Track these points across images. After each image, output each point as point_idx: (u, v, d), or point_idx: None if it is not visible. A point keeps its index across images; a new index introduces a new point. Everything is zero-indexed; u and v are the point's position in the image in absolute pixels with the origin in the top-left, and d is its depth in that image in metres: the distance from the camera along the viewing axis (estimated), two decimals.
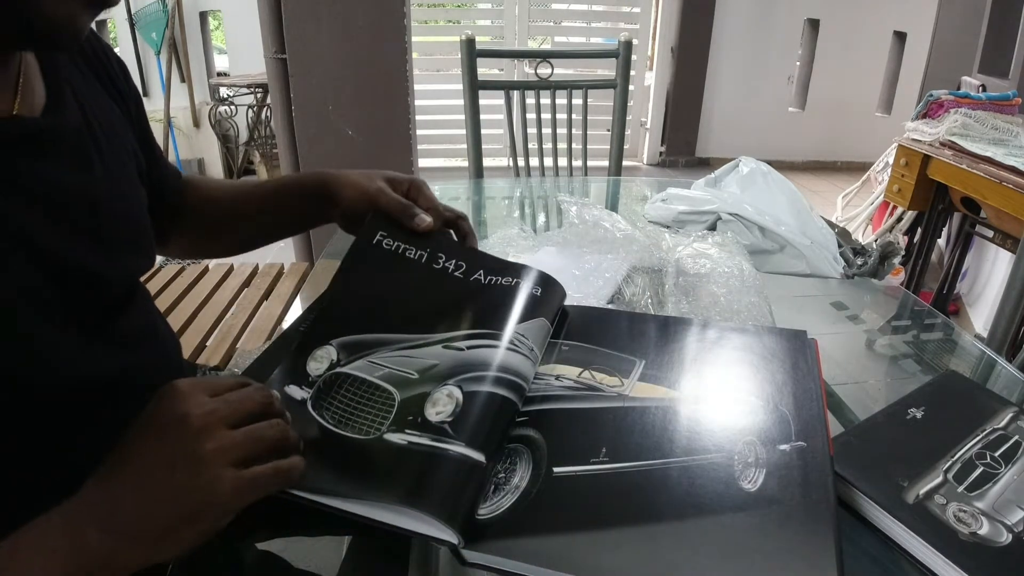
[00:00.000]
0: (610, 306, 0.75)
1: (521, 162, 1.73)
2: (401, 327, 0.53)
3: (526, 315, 0.55)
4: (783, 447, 0.46)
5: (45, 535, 0.37)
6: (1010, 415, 0.54)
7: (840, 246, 1.00)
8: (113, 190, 0.54)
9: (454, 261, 0.60)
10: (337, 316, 0.55)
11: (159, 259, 1.69)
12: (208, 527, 0.38)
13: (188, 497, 0.37)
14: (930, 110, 2.12)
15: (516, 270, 0.60)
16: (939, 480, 0.47)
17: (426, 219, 0.60)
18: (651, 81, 4.50)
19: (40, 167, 0.47)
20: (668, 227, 1.03)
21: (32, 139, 0.47)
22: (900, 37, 4.32)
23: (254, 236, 0.79)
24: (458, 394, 0.47)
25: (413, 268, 0.59)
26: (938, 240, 2.28)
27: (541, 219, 1.21)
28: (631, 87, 2.27)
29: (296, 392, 0.48)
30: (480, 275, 0.59)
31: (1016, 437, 0.52)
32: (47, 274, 0.46)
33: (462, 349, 0.51)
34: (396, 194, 0.62)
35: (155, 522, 0.37)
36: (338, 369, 0.49)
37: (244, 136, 3.94)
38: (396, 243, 0.60)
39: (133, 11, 3.62)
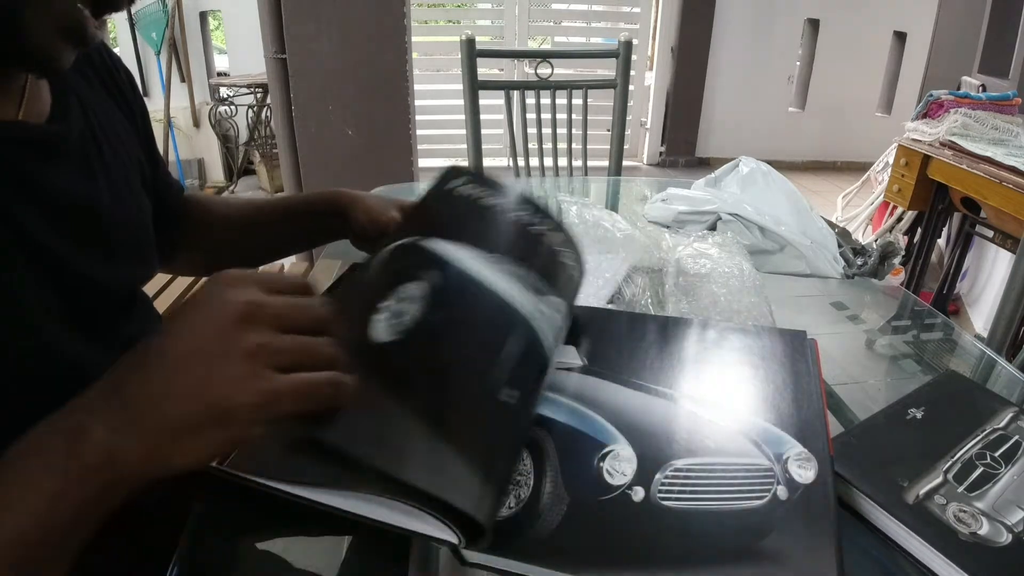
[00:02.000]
0: (610, 306, 0.75)
1: (521, 162, 1.73)
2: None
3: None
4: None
5: (42, 437, 0.34)
6: (1010, 415, 0.54)
7: (840, 246, 1.00)
8: (116, 198, 0.54)
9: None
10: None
11: None
12: (226, 436, 0.34)
13: (215, 391, 0.33)
14: (930, 110, 2.12)
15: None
16: (939, 480, 0.47)
17: None
18: (651, 81, 4.50)
19: (44, 173, 0.47)
20: (668, 227, 1.03)
21: (36, 145, 0.47)
22: (900, 37, 4.32)
23: (262, 253, 0.80)
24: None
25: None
26: (938, 240, 2.28)
27: None
28: (631, 87, 2.27)
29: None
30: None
31: (1016, 437, 0.52)
32: (48, 278, 0.46)
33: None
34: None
35: (171, 416, 0.33)
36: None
37: (244, 136, 3.94)
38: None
39: (133, 11, 3.61)
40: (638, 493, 0.43)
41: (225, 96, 3.86)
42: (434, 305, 0.43)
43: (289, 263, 1.87)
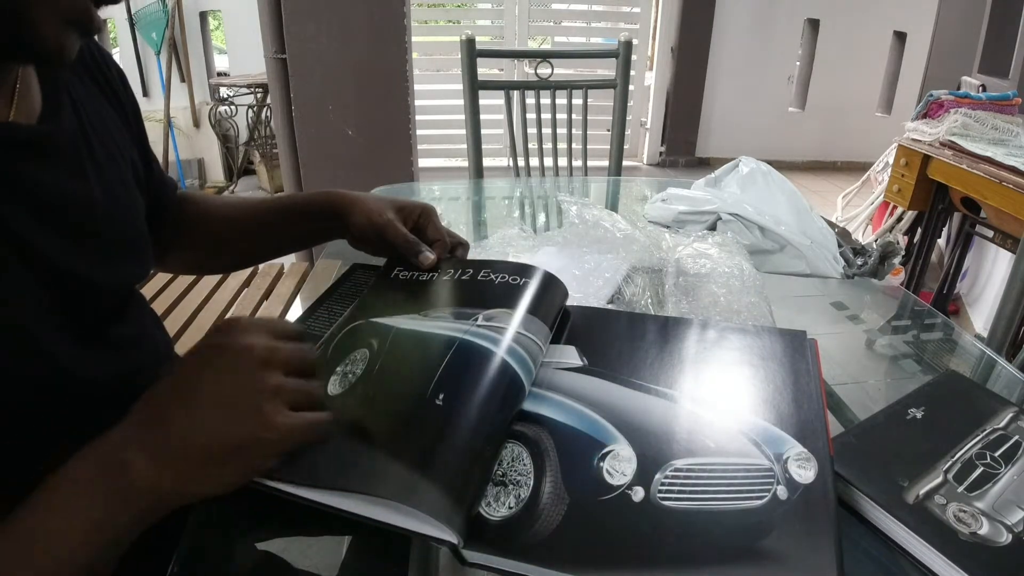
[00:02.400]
0: (610, 306, 0.75)
1: (521, 162, 1.73)
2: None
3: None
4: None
5: (82, 469, 0.37)
6: (1010, 415, 0.54)
7: (840, 246, 1.00)
8: (109, 197, 0.54)
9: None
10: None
11: None
12: (252, 464, 0.39)
13: (242, 427, 0.38)
14: (930, 110, 2.12)
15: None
16: (939, 480, 0.47)
17: (430, 256, 0.64)
18: (651, 81, 4.50)
19: (36, 173, 0.47)
20: (668, 227, 1.03)
21: (28, 146, 0.47)
22: (900, 37, 4.32)
23: (257, 253, 0.80)
24: None
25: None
26: (938, 240, 2.28)
27: (541, 219, 1.21)
28: (631, 87, 2.27)
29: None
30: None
31: (1016, 437, 0.52)
32: (42, 279, 0.46)
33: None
34: (404, 228, 0.65)
35: (204, 448, 0.37)
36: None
37: (244, 136, 3.94)
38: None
39: (133, 11, 3.62)
40: (638, 493, 0.43)
41: (225, 96, 3.86)
42: (372, 360, 0.52)
43: (289, 263, 1.87)
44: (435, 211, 0.69)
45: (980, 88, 2.34)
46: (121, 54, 3.73)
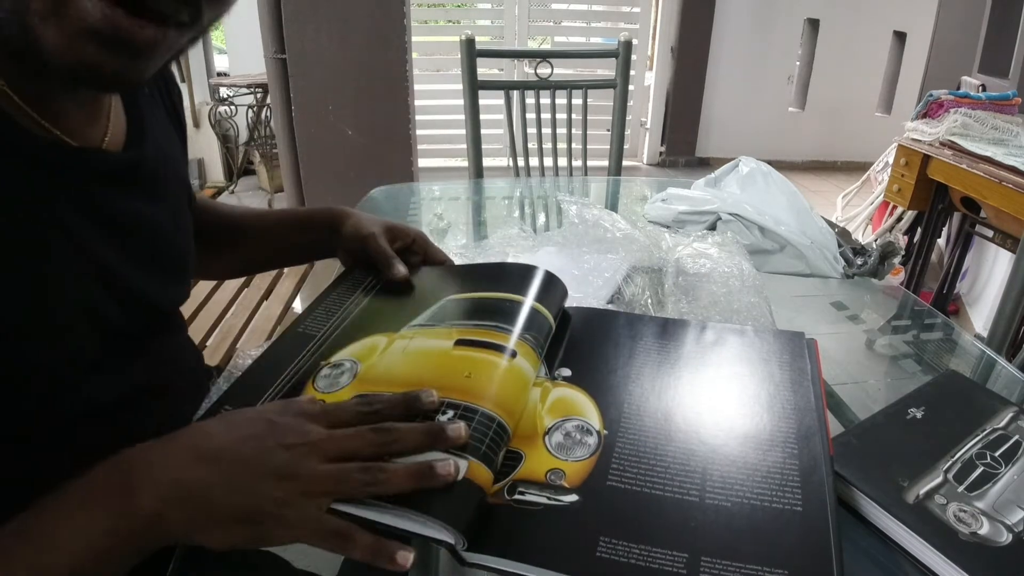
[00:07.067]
0: (610, 306, 0.75)
1: (521, 162, 1.73)
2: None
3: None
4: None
5: (93, 490, 0.37)
6: (1010, 415, 0.54)
7: (840, 246, 1.00)
8: (173, 221, 0.56)
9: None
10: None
11: None
12: (257, 542, 0.38)
13: (253, 504, 0.37)
14: (930, 110, 2.12)
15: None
16: (939, 480, 0.47)
17: (401, 270, 0.64)
18: (651, 81, 4.50)
19: (119, 199, 0.49)
20: (668, 227, 1.03)
21: (116, 174, 0.49)
22: (900, 37, 4.32)
23: (256, 262, 0.82)
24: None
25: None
26: (938, 240, 2.28)
27: (541, 219, 1.21)
28: (631, 87, 2.27)
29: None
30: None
31: (1016, 437, 0.52)
32: (111, 297, 0.48)
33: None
34: (385, 243, 0.66)
35: (212, 509, 0.37)
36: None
37: (244, 136, 3.94)
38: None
39: None
40: None
41: (225, 96, 3.86)
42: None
43: None
44: (427, 237, 0.71)
45: (980, 88, 2.34)
46: None
